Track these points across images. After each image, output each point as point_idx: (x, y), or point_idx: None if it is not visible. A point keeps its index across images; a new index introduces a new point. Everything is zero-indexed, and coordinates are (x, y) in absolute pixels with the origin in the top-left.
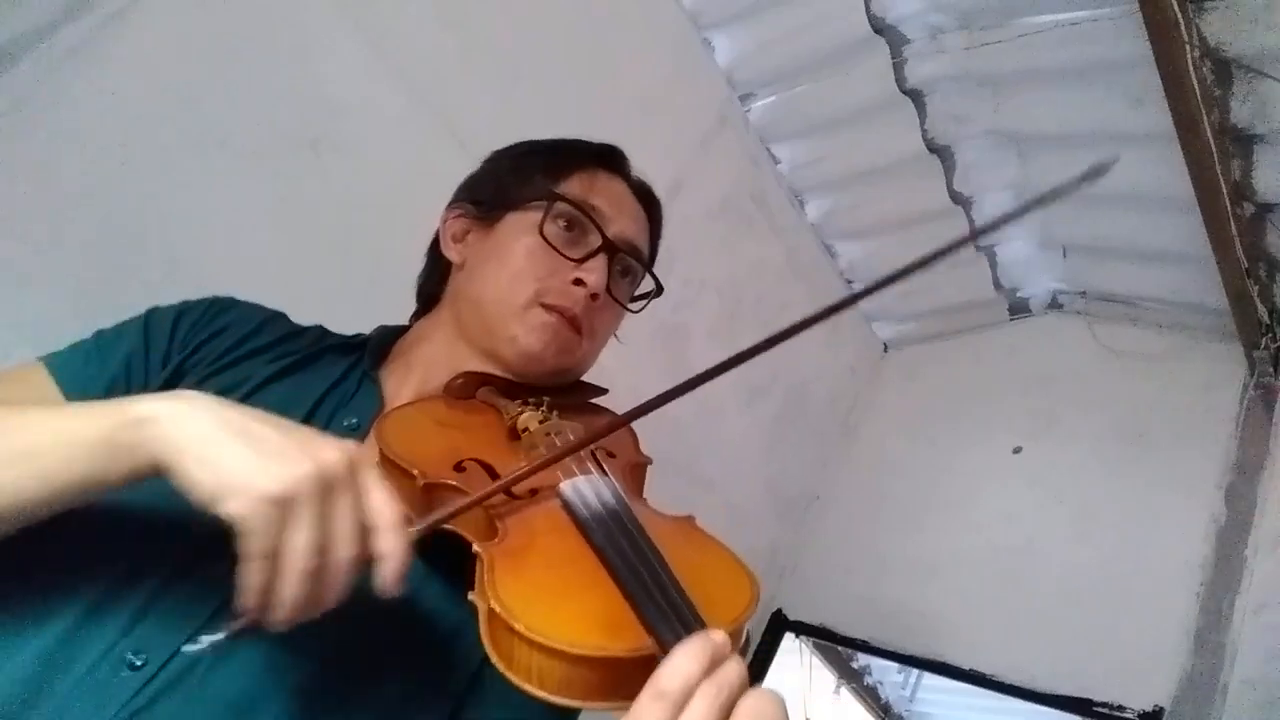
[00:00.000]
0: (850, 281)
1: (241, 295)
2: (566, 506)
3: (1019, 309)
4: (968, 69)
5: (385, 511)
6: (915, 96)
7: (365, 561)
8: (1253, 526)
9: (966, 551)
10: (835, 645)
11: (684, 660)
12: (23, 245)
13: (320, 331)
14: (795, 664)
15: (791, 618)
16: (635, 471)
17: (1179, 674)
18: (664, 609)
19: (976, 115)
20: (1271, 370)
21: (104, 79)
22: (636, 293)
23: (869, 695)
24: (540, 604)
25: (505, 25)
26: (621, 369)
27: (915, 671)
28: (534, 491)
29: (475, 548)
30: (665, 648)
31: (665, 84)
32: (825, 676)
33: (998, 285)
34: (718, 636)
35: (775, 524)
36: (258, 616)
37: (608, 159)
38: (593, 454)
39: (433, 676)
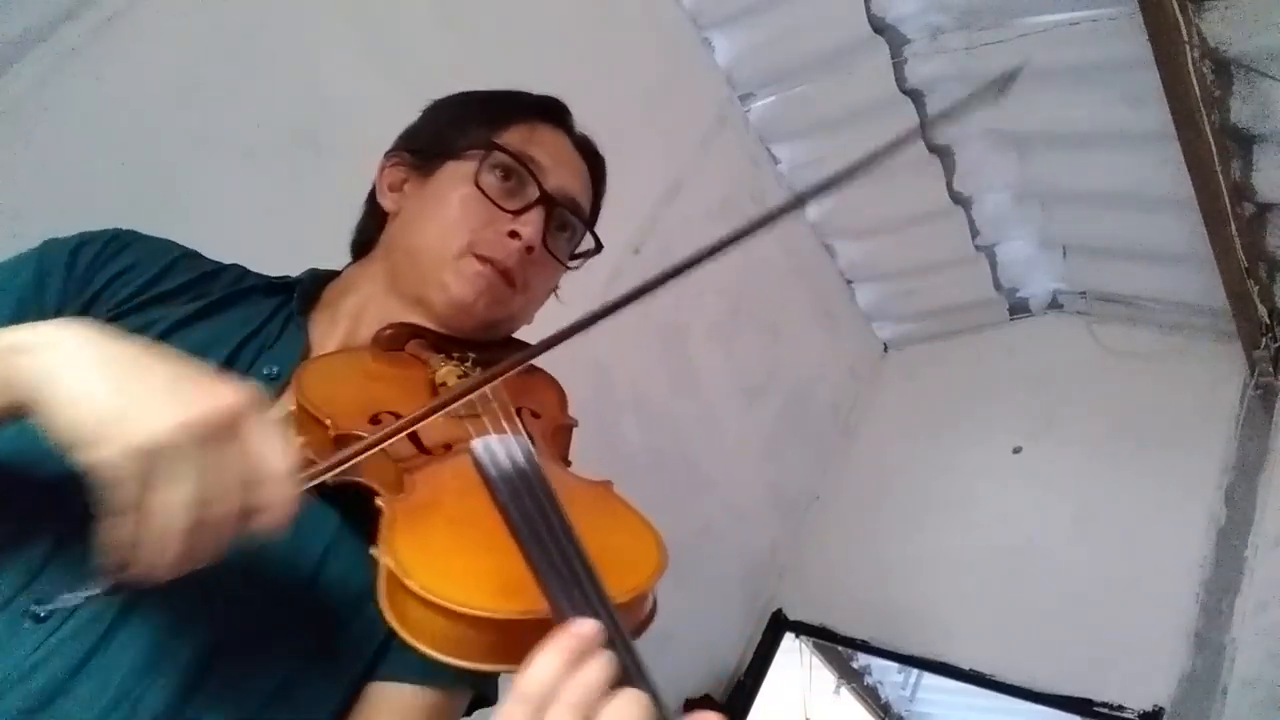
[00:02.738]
0: (850, 281)
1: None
2: (476, 464)
3: (1019, 309)
4: (968, 69)
5: (274, 460)
6: (915, 96)
7: (250, 515)
8: (1253, 526)
9: (967, 551)
10: (835, 645)
11: (544, 662)
12: (23, 245)
13: (240, 272)
14: (795, 664)
15: (791, 618)
16: (560, 434)
17: (1179, 674)
18: (562, 573)
19: (976, 115)
20: (1271, 370)
21: (104, 79)
22: (577, 250)
23: (869, 695)
24: (436, 562)
25: (505, 25)
26: (622, 367)
27: (915, 671)
28: (447, 447)
29: (379, 501)
30: (560, 613)
31: (665, 84)
32: (825, 676)
33: (998, 285)
34: (585, 629)
35: (775, 524)
36: (124, 575)
37: (550, 111)
38: (515, 413)
39: (345, 627)
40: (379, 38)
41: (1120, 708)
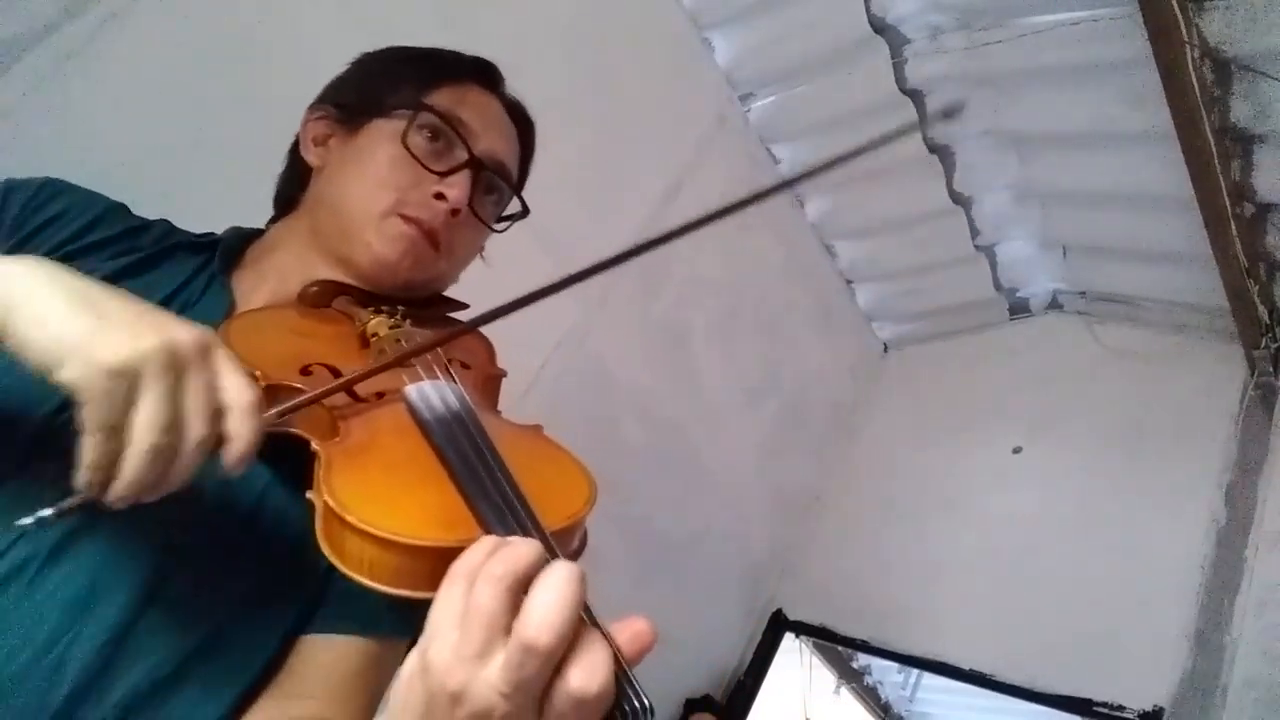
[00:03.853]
0: (850, 281)
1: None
2: (410, 409)
3: (1019, 309)
4: (968, 69)
5: (241, 393)
6: (915, 96)
7: (215, 445)
8: (1253, 526)
9: (966, 551)
10: (835, 645)
11: (472, 549)
12: None
13: (167, 228)
14: (795, 664)
15: (791, 618)
16: (490, 384)
17: (1179, 674)
18: (498, 505)
19: (976, 115)
20: (1271, 370)
21: (104, 79)
22: (503, 214)
23: (869, 695)
24: (373, 497)
25: (505, 25)
26: (622, 367)
27: (915, 671)
28: (380, 395)
29: (314, 446)
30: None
31: (665, 84)
32: (825, 676)
33: (998, 285)
34: (514, 538)
35: (775, 524)
36: (95, 494)
37: (481, 73)
38: (446, 364)
39: (279, 576)
40: (379, 38)
41: (1120, 708)
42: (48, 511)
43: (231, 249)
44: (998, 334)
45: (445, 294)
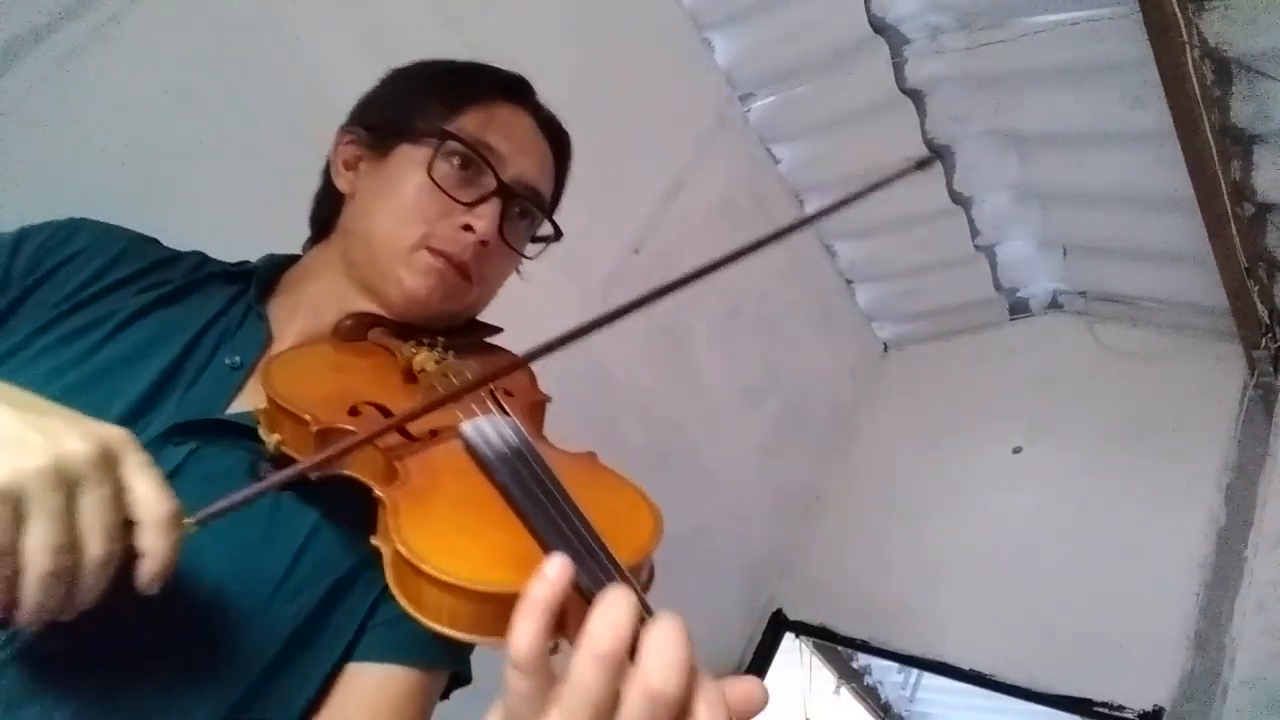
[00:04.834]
0: (850, 281)
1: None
2: (468, 446)
3: (1019, 309)
4: (968, 69)
5: (152, 504)
6: (915, 96)
7: (127, 559)
8: (1253, 526)
9: (966, 551)
10: (835, 645)
11: (615, 613)
12: None
13: (200, 258)
14: (795, 664)
15: (791, 618)
16: (535, 410)
17: (1179, 674)
18: (574, 545)
19: (976, 115)
20: (1271, 370)
21: (104, 79)
22: (536, 234)
23: (869, 695)
24: (446, 544)
25: (505, 25)
26: (622, 367)
27: (915, 671)
28: (434, 433)
29: (376, 492)
30: (575, 580)
31: (665, 84)
32: (825, 676)
33: (998, 285)
34: (549, 570)
35: (775, 524)
36: (3, 616)
37: (511, 89)
38: (491, 393)
39: (322, 624)
40: (379, 38)
41: (1120, 708)
42: None
43: (266, 277)
44: (998, 334)
45: (479, 318)
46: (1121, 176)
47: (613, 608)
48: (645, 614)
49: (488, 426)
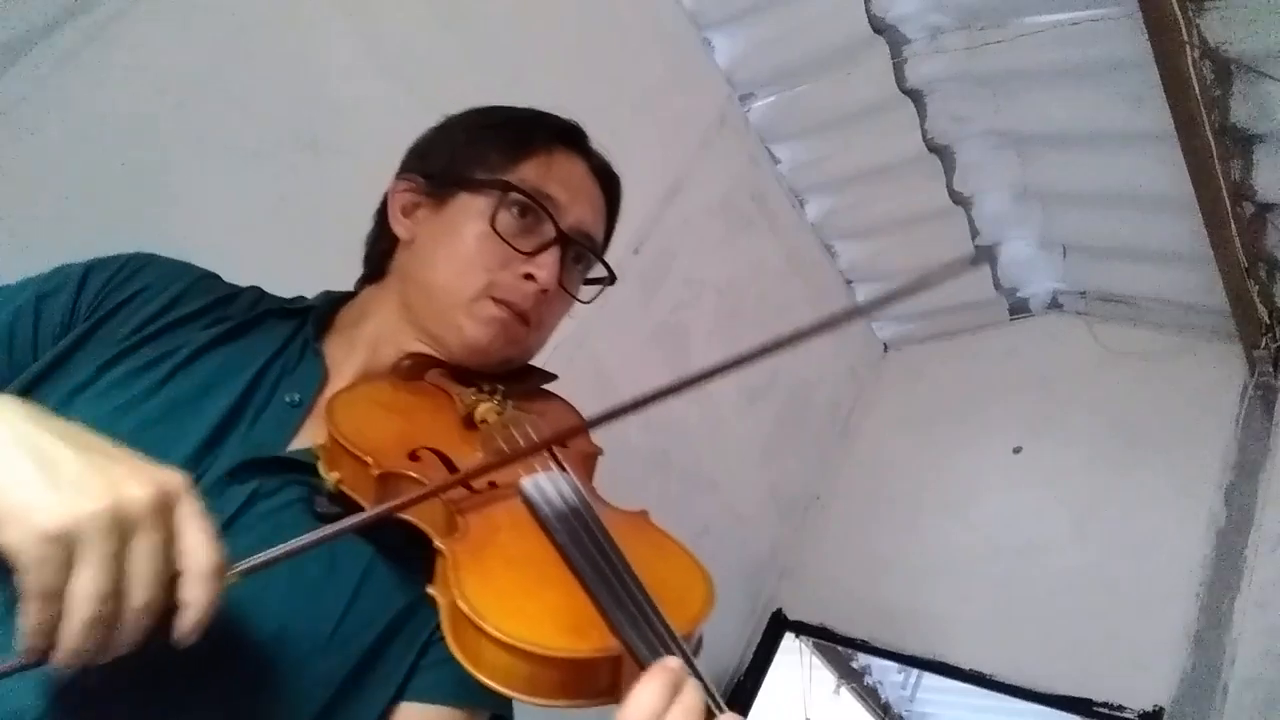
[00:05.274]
0: (850, 281)
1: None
2: (528, 504)
3: (1019, 309)
4: (968, 69)
5: (199, 555)
6: (915, 96)
7: (169, 610)
8: (1253, 526)
9: (966, 551)
10: (835, 645)
11: (649, 696)
12: (23, 245)
13: (257, 294)
14: (795, 664)
15: (791, 618)
16: (587, 462)
17: (1179, 674)
18: (630, 610)
19: (976, 115)
20: (1271, 370)
21: (104, 79)
22: (589, 276)
23: (869, 695)
24: (506, 604)
25: (505, 25)
26: (622, 368)
27: (915, 671)
28: (493, 485)
29: (437, 543)
30: (631, 649)
31: (665, 84)
32: (825, 676)
33: (998, 285)
34: (674, 664)
35: (775, 524)
36: (38, 659)
37: (568, 138)
38: (549, 447)
39: (374, 666)
40: (379, 38)
41: (1120, 708)
42: (14, 666)
43: (323, 315)
44: (998, 334)
45: (534, 365)
46: (1121, 176)
47: (650, 689)
48: (700, 685)
49: (548, 484)
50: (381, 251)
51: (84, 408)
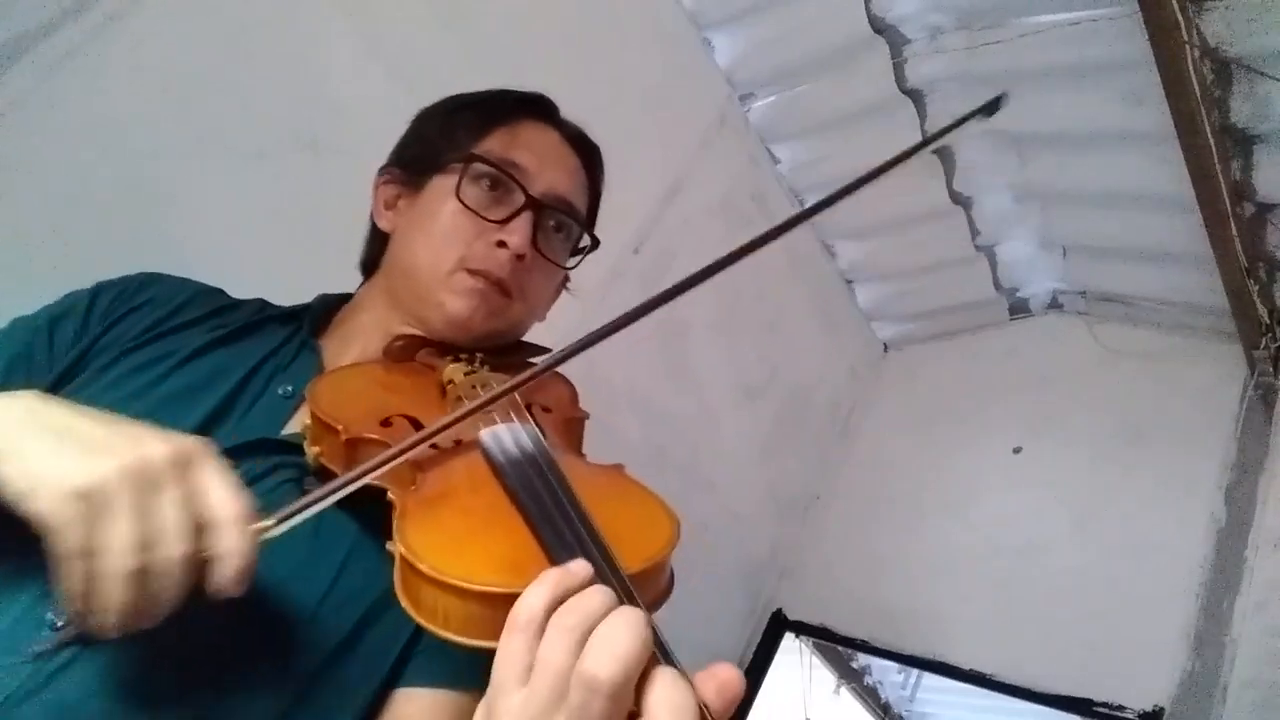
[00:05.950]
0: (850, 281)
1: (242, 296)
2: (484, 453)
3: (1019, 309)
4: (968, 69)
5: (227, 506)
6: (915, 96)
7: (205, 562)
8: (1253, 526)
9: (966, 551)
10: (835, 645)
11: (530, 593)
12: (23, 245)
13: (261, 304)
14: (795, 664)
15: (791, 618)
16: (572, 426)
17: (1179, 674)
18: (571, 546)
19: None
20: (1271, 370)
21: (104, 79)
22: (577, 246)
23: (869, 695)
24: (446, 545)
25: (505, 25)
26: (622, 368)
27: (915, 671)
28: (458, 443)
29: (389, 495)
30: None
31: (665, 84)
32: (825, 676)
33: (998, 285)
34: (576, 568)
35: (775, 524)
36: (84, 623)
37: (533, 107)
38: (525, 409)
39: (361, 643)
40: (379, 38)
41: (1120, 708)
42: (47, 645)
43: (318, 315)
44: (998, 334)
45: (526, 339)
46: (1121, 176)
47: (533, 589)
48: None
49: (505, 433)
50: (374, 250)
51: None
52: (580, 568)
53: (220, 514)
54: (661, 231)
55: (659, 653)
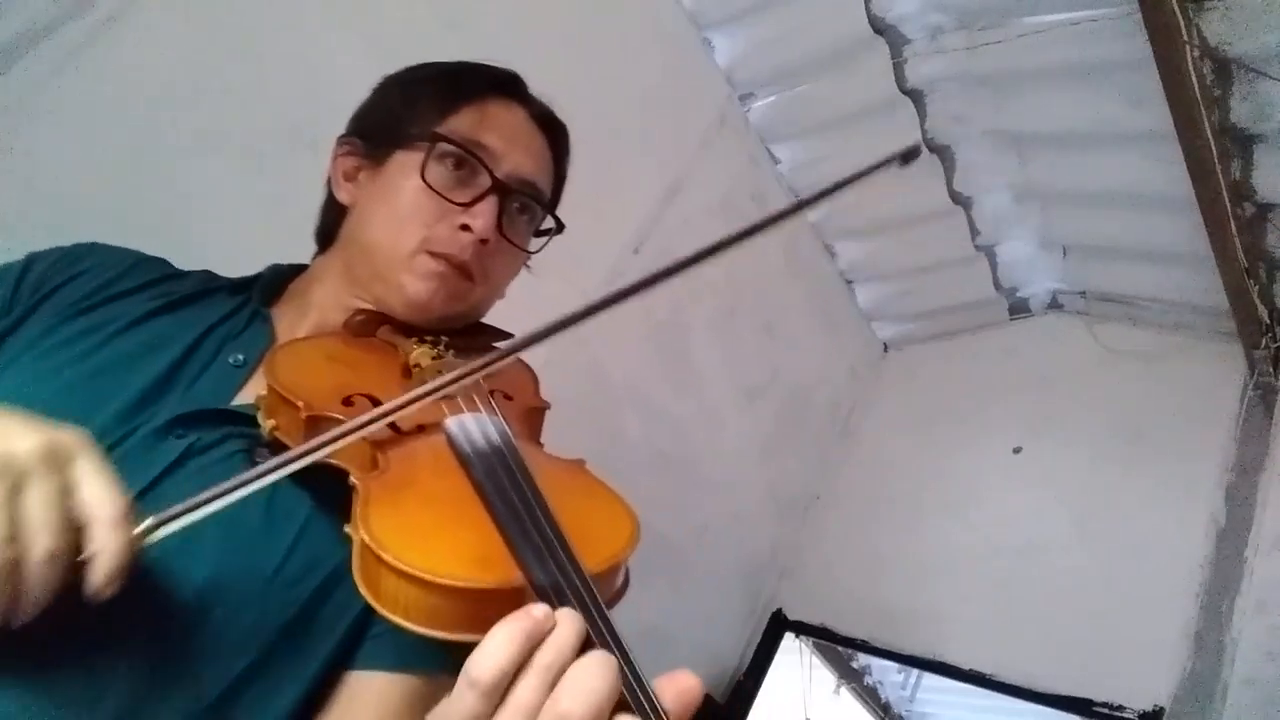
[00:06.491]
0: (850, 281)
1: None
2: (450, 441)
3: (1019, 309)
4: (968, 69)
5: (102, 503)
6: (915, 96)
7: (77, 560)
8: (1253, 526)
9: (966, 551)
10: (835, 645)
11: (496, 647)
12: (23, 245)
13: (208, 274)
14: (795, 664)
15: (791, 618)
16: (532, 415)
17: (1179, 674)
18: (536, 544)
19: (976, 115)
20: (1271, 370)
21: (104, 79)
22: (540, 228)
23: (869, 695)
24: (410, 535)
25: (505, 25)
26: (621, 368)
27: (915, 671)
28: (421, 428)
29: (352, 479)
30: (534, 582)
31: (665, 84)
32: (825, 676)
33: (998, 285)
34: (537, 612)
35: (775, 524)
36: None
37: (502, 86)
38: (488, 395)
39: (310, 619)
40: (379, 38)
41: (1120, 708)
42: None
43: (270, 284)
44: (998, 334)
45: (488, 322)
46: (1121, 176)
47: (498, 640)
48: (601, 633)
49: (471, 423)
50: (331, 221)
51: (10, 377)
52: (542, 612)
53: (92, 511)
54: (661, 231)
55: (627, 694)
